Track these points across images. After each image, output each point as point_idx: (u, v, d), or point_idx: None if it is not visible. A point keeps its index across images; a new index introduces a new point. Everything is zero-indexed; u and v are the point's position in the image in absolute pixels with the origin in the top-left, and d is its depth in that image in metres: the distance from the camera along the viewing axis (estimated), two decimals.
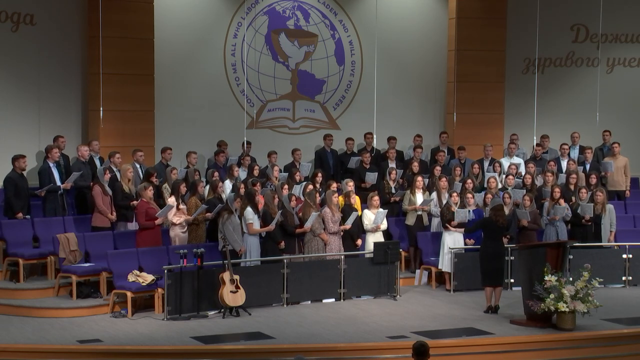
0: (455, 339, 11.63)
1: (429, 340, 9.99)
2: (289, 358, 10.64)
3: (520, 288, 13.05)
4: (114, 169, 14.77)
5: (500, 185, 15.78)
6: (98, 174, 14.01)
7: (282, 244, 13.86)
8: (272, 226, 13.67)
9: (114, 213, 13.94)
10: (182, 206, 13.78)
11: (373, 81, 18.31)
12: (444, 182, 15.26)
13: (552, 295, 12.02)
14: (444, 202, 14.95)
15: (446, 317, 12.80)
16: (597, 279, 12.40)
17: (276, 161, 15.91)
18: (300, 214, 14.16)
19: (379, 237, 14.56)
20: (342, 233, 14.25)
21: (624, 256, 15.00)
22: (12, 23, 15.67)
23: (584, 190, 15.41)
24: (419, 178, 15.36)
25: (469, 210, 14.58)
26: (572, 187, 15.79)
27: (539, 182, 16.08)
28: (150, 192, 13.64)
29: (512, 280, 14.34)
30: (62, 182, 14.34)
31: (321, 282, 13.78)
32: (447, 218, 14.50)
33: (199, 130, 17.20)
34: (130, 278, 12.82)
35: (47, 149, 14.61)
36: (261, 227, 13.67)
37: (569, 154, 17.26)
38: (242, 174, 15.48)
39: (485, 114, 18.64)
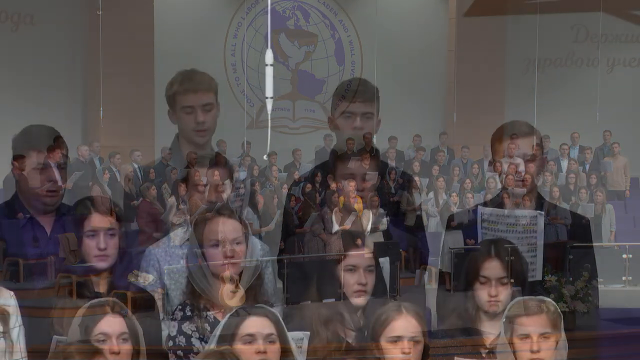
0: (455, 339, 11.61)
1: (428, 340, 9.97)
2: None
3: (520, 288, 13.03)
4: (114, 169, 14.77)
5: (499, 185, 15.76)
6: (97, 175, 13.99)
7: (282, 244, 13.84)
8: (271, 226, 13.67)
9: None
10: (182, 206, 13.75)
11: (373, 81, 18.25)
12: (440, 182, 15.29)
13: (552, 295, 11.99)
14: (441, 202, 14.98)
15: (446, 317, 12.78)
16: (597, 279, 12.38)
17: (276, 161, 15.91)
18: (300, 214, 14.16)
19: (378, 238, 14.52)
20: (342, 233, 14.24)
21: (624, 256, 15.00)
22: (12, 23, 15.67)
23: (583, 191, 15.41)
24: (415, 179, 15.36)
25: (469, 210, 14.57)
26: (571, 187, 15.80)
27: (538, 182, 16.06)
28: (154, 191, 13.60)
29: (512, 280, 14.32)
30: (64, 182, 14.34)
31: (321, 282, 13.75)
32: (447, 218, 14.49)
33: None
34: (130, 278, 12.79)
35: (49, 149, 14.59)
36: (260, 227, 13.68)
37: (569, 154, 17.26)
38: (242, 174, 15.47)
39: (485, 114, 18.60)
